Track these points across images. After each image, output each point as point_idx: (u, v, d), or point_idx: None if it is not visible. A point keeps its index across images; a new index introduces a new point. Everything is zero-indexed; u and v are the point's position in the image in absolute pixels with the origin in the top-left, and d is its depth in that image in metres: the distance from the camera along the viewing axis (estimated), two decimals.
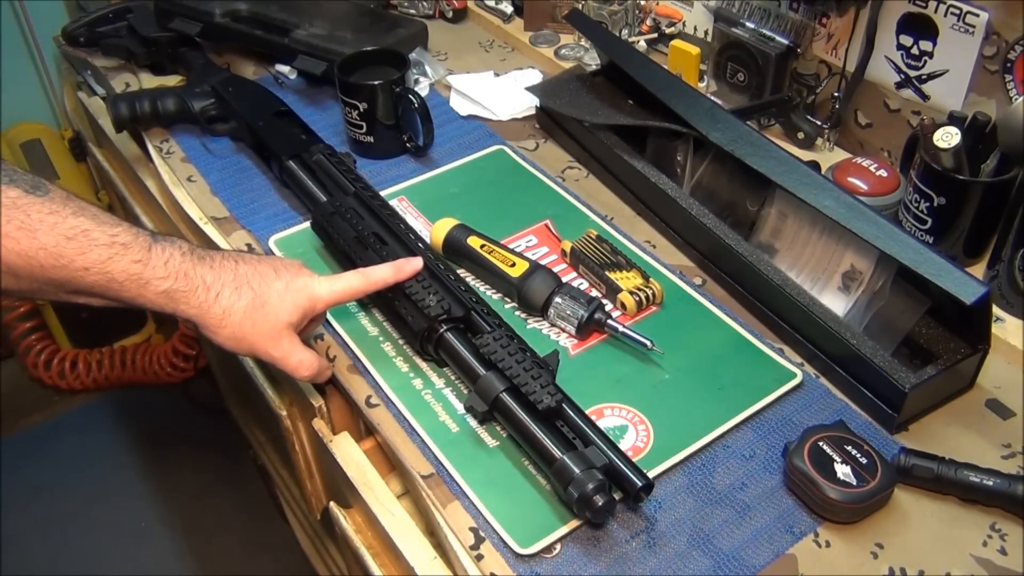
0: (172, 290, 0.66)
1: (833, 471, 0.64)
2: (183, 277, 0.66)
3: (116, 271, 0.63)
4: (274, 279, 0.70)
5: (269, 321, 0.69)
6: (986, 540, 0.64)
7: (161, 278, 0.65)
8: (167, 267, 0.65)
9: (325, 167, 0.93)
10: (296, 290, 0.71)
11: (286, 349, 0.70)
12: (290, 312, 0.70)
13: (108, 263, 0.63)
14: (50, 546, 1.54)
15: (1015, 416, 0.73)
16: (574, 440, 0.66)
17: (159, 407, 1.77)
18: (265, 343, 0.69)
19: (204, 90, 1.07)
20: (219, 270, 0.68)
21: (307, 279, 0.72)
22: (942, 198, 0.81)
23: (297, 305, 0.70)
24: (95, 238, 0.63)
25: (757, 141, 0.82)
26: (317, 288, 0.72)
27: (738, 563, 0.63)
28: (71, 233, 0.62)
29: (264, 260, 0.72)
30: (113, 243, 0.63)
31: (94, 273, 0.63)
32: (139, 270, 0.64)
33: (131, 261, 0.64)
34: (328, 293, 0.72)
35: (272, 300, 0.69)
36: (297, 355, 0.71)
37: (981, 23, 0.83)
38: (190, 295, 0.66)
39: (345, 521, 0.79)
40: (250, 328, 0.68)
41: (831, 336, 0.74)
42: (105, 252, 0.63)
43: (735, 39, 1.02)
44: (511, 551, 0.63)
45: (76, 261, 0.62)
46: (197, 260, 0.67)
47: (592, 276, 0.85)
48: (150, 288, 0.65)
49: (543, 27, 1.23)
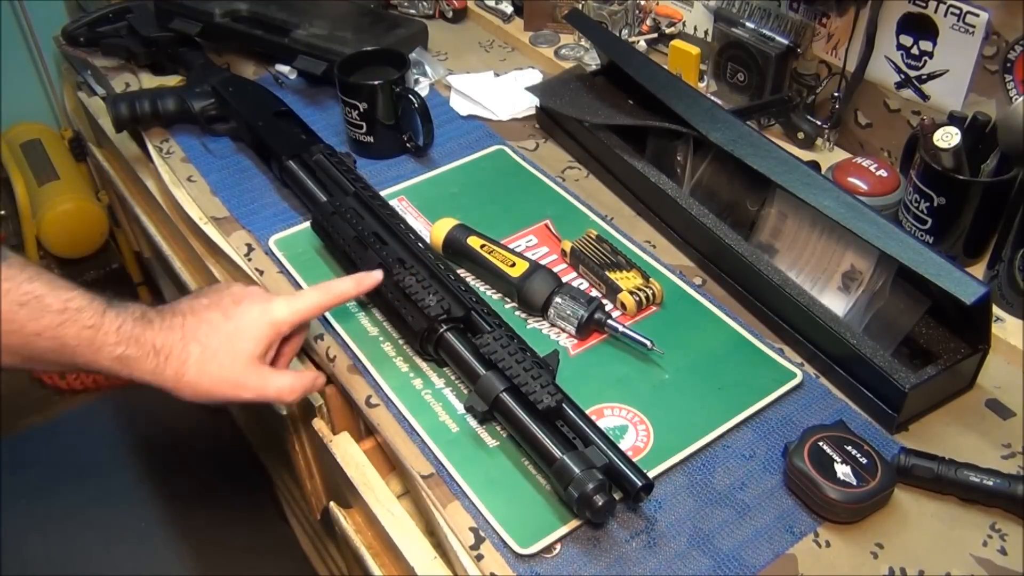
0: (125, 356, 0.65)
1: (833, 471, 0.64)
2: (135, 343, 0.66)
3: (68, 336, 0.63)
4: (222, 323, 0.69)
5: (225, 367, 0.68)
6: (986, 540, 0.64)
7: (113, 344, 0.65)
8: (119, 333, 0.65)
9: (325, 167, 0.93)
10: (249, 324, 0.69)
11: (256, 386, 0.69)
12: (248, 349, 0.69)
13: (60, 328, 0.63)
14: (50, 546, 1.54)
15: (1015, 416, 0.73)
16: (574, 440, 0.66)
17: (159, 407, 1.76)
18: (230, 389, 0.68)
19: (204, 90, 1.07)
20: (167, 331, 0.67)
21: (262, 306, 0.70)
22: (942, 198, 0.81)
23: (256, 339, 0.69)
24: (48, 304, 0.63)
25: (757, 141, 0.82)
26: (276, 312, 0.70)
27: (738, 563, 0.63)
28: (24, 299, 0.62)
29: (214, 304, 0.70)
30: (66, 308, 0.63)
31: (46, 338, 0.63)
32: (91, 335, 0.64)
33: (83, 327, 0.64)
34: (289, 314, 0.71)
35: (222, 347, 0.68)
36: (274, 384, 0.70)
37: (981, 23, 0.83)
38: (143, 360, 0.66)
39: (345, 521, 0.79)
40: (207, 381, 0.67)
41: (831, 336, 0.74)
42: (57, 318, 0.63)
43: (735, 39, 1.02)
44: (511, 551, 0.64)
45: (28, 327, 0.62)
46: (147, 324, 0.67)
47: (592, 276, 0.85)
48: (103, 353, 0.65)
49: (543, 27, 1.23)
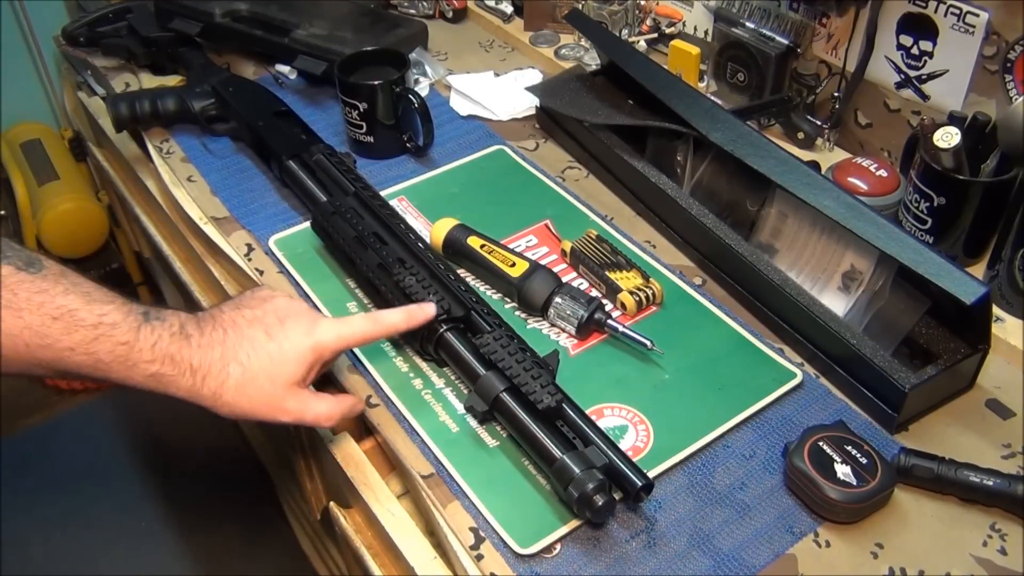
0: (160, 374, 0.64)
1: (833, 471, 0.64)
2: (170, 361, 0.64)
3: (102, 352, 0.62)
4: (265, 343, 0.67)
5: (264, 391, 0.66)
6: (986, 540, 0.64)
7: (148, 361, 0.63)
8: (154, 350, 0.63)
9: (325, 167, 0.93)
10: (292, 347, 0.67)
11: (295, 411, 0.67)
12: (289, 373, 0.67)
13: (94, 344, 0.61)
14: (50, 546, 1.54)
15: (1015, 416, 0.73)
16: (574, 440, 0.66)
17: (159, 407, 1.76)
18: (269, 412, 0.67)
19: (204, 90, 1.07)
20: (206, 348, 0.65)
21: (308, 327, 0.68)
22: (942, 198, 0.81)
23: (297, 362, 0.67)
24: (81, 318, 0.61)
25: (757, 141, 0.82)
26: (322, 336, 0.68)
27: (738, 563, 0.63)
28: (57, 313, 0.60)
29: (257, 320, 0.68)
30: (100, 323, 0.62)
31: (79, 354, 0.61)
32: (125, 352, 0.62)
33: (117, 343, 0.62)
34: (335, 339, 0.69)
35: (264, 369, 0.66)
36: (312, 411, 0.68)
37: (981, 23, 0.83)
38: (178, 379, 0.64)
39: (345, 521, 0.78)
40: (246, 403, 0.66)
41: (831, 336, 0.74)
42: (91, 333, 0.61)
43: (735, 39, 1.02)
44: (511, 551, 0.63)
45: (61, 341, 0.60)
46: (184, 340, 0.65)
47: (592, 276, 0.85)
48: (138, 371, 0.63)
49: (543, 27, 1.23)
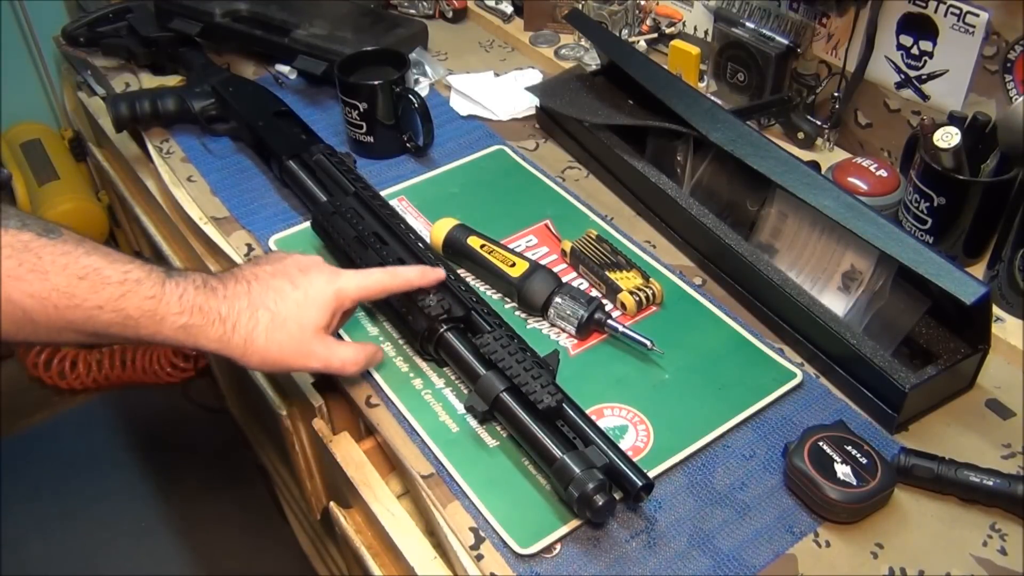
0: (189, 325, 0.65)
1: (833, 471, 0.64)
2: (198, 312, 0.65)
3: (130, 308, 0.63)
4: (291, 291, 0.69)
5: (294, 337, 0.68)
6: (986, 540, 0.64)
7: (176, 313, 0.64)
8: (181, 302, 0.65)
9: (325, 167, 0.93)
10: (317, 293, 0.69)
11: (323, 356, 0.69)
12: (315, 318, 0.69)
13: (121, 300, 0.62)
14: (50, 546, 1.54)
15: (1015, 416, 0.73)
16: (574, 440, 0.66)
17: (159, 407, 1.77)
18: (298, 359, 0.69)
19: (204, 90, 1.07)
20: (232, 299, 0.67)
21: (329, 275, 0.71)
22: (942, 198, 0.81)
23: (322, 308, 0.69)
24: (107, 276, 0.62)
25: (757, 141, 0.82)
26: (344, 283, 0.71)
27: (738, 563, 0.63)
28: (83, 272, 0.61)
29: (279, 272, 0.70)
30: (125, 280, 0.63)
31: (108, 311, 0.62)
32: (153, 306, 0.63)
33: (144, 297, 0.63)
34: (356, 288, 0.72)
35: (292, 314, 0.68)
36: (338, 356, 0.70)
37: (981, 23, 0.83)
38: (208, 328, 0.65)
39: (345, 521, 0.79)
40: (276, 349, 0.67)
41: (831, 336, 0.74)
42: (117, 289, 0.62)
43: (735, 39, 1.02)
44: (511, 551, 0.64)
45: (89, 300, 0.61)
46: (210, 292, 0.66)
47: (592, 276, 0.85)
48: (167, 324, 0.64)
49: (543, 27, 1.23)
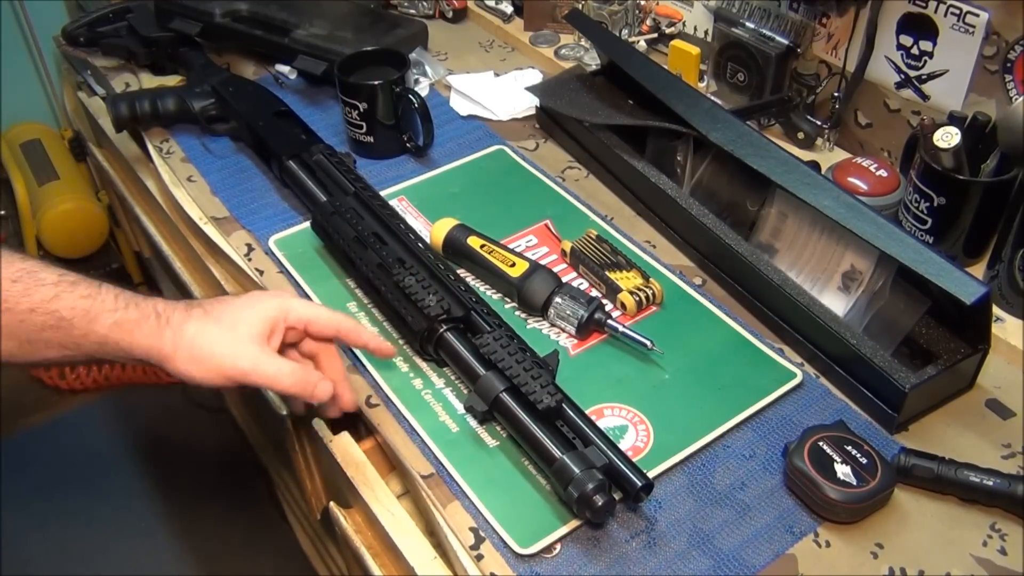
0: (122, 320, 0.63)
1: (833, 471, 0.64)
2: (134, 307, 0.64)
3: (64, 308, 0.61)
4: (233, 301, 0.67)
5: (224, 338, 0.65)
6: (986, 540, 0.64)
7: (111, 310, 0.63)
8: (117, 300, 0.63)
9: (325, 167, 0.93)
10: (258, 302, 0.68)
11: (253, 358, 0.65)
12: (252, 323, 0.66)
13: (54, 301, 0.61)
14: (50, 546, 1.54)
15: (1015, 416, 0.73)
16: (574, 440, 0.66)
17: (159, 407, 1.77)
18: (227, 359, 0.65)
19: (204, 90, 1.07)
20: (172, 303, 0.66)
21: (281, 295, 0.70)
22: (942, 198, 0.81)
23: (261, 315, 0.67)
24: (41, 278, 0.61)
25: (757, 141, 0.82)
26: (293, 303, 0.69)
27: (738, 563, 0.63)
28: (16, 276, 0.61)
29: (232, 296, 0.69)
30: (60, 281, 0.62)
31: (40, 314, 0.61)
32: (87, 305, 0.62)
33: (79, 296, 0.62)
34: (304, 309, 0.69)
35: (226, 319, 0.66)
36: (273, 365, 0.66)
37: (981, 23, 0.83)
38: (143, 323, 0.63)
39: (345, 521, 0.78)
40: (207, 347, 0.64)
41: (831, 336, 0.74)
42: (51, 291, 0.61)
43: (735, 39, 1.02)
44: (511, 551, 0.64)
45: (21, 303, 0.60)
46: (148, 296, 0.65)
47: (592, 276, 0.85)
48: (99, 322, 0.62)
49: (543, 27, 1.23)
